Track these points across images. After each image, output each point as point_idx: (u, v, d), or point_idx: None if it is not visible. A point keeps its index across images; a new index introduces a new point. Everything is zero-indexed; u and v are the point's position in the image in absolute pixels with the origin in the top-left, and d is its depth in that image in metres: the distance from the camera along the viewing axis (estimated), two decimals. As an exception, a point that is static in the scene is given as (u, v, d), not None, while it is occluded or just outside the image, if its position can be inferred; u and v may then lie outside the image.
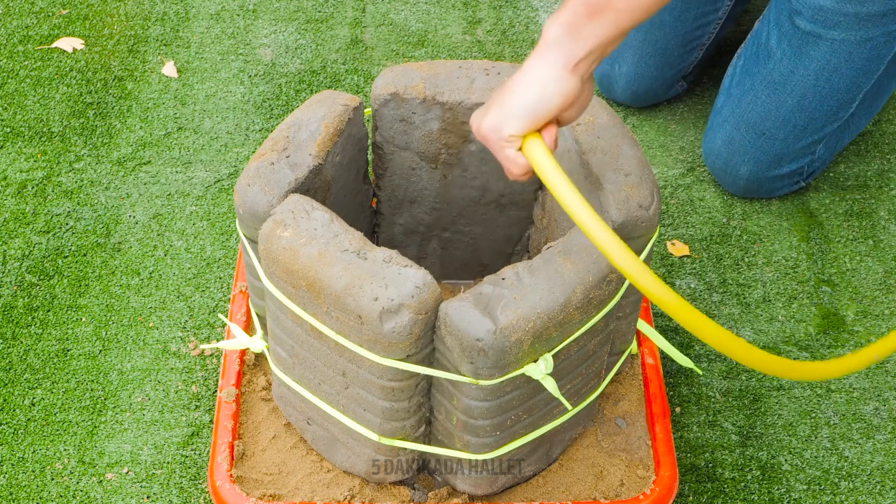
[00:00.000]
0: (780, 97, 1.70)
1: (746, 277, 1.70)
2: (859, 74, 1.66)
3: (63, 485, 1.42)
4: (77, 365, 1.54)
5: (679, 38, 1.85)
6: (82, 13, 2.11)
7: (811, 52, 1.65)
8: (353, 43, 2.07)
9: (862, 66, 1.65)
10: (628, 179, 1.20)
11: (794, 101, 1.69)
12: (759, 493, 1.44)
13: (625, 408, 1.38)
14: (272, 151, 1.23)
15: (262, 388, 1.38)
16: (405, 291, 1.09)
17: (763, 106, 1.71)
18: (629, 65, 1.87)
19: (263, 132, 1.89)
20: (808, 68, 1.66)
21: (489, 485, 1.26)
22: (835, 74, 1.66)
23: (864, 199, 1.82)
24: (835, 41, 1.63)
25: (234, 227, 1.73)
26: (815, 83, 1.67)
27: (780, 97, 1.70)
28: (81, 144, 1.86)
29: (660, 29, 1.84)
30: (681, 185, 1.83)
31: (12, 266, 1.67)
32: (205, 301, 1.63)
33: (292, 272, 1.14)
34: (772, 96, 1.70)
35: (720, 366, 1.58)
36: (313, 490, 1.29)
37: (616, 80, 1.90)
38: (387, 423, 1.20)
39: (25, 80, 1.97)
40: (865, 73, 1.67)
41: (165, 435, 1.47)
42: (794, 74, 1.68)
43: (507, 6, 2.16)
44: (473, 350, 1.09)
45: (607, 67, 1.90)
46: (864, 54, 1.64)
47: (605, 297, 1.16)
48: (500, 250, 1.49)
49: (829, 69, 1.65)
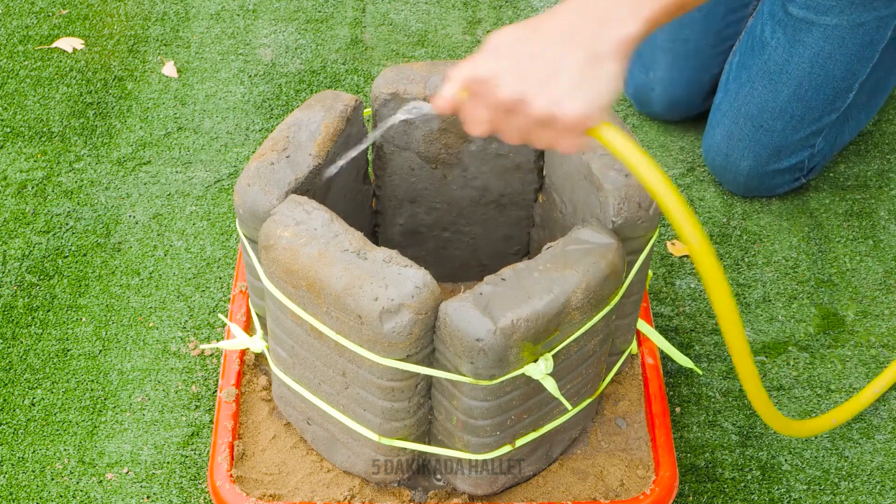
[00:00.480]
0: (777, 87, 1.70)
1: (746, 277, 1.70)
2: (854, 61, 1.67)
3: (63, 485, 1.42)
4: (77, 365, 1.54)
5: (710, 37, 1.83)
6: (82, 13, 2.11)
7: (805, 39, 1.66)
8: (353, 43, 2.07)
9: (856, 52, 1.66)
10: (628, 179, 1.20)
11: (790, 90, 1.69)
12: (759, 493, 1.44)
13: (625, 408, 1.38)
14: (272, 151, 1.23)
15: (262, 388, 1.38)
16: (405, 291, 1.09)
17: (760, 97, 1.71)
18: (664, 69, 1.85)
19: (263, 132, 1.89)
20: (802, 56, 1.67)
21: (489, 485, 1.27)
22: (829, 61, 1.66)
23: (864, 199, 1.82)
24: (828, 27, 1.64)
25: (234, 227, 1.73)
26: (810, 71, 1.67)
27: (776, 87, 1.70)
28: (81, 144, 1.86)
29: (689, 28, 1.82)
30: (681, 185, 1.83)
31: (12, 266, 1.67)
32: (205, 301, 1.63)
33: (292, 272, 1.14)
34: (768, 87, 1.70)
35: (720, 366, 1.58)
36: (313, 490, 1.29)
37: (653, 87, 1.87)
38: (387, 423, 1.20)
39: (25, 80, 1.97)
40: (860, 59, 1.67)
41: (165, 435, 1.47)
42: (790, 63, 1.68)
43: (507, 6, 2.16)
44: (473, 350, 1.09)
45: (642, 77, 1.87)
46: (858, 40, 1.65)
47: (605, 297, 1.16)
48: (500, 250, 1.49)
49: (823, 56, 1.66)
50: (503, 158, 1.36)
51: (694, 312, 1.64)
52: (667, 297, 1.66)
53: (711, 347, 1.60)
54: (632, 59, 1.86)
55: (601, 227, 1.18)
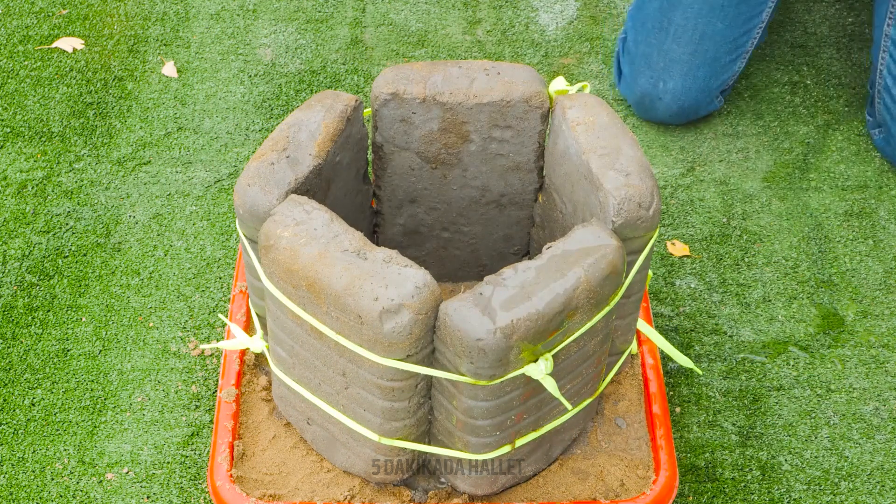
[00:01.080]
0: None
1: (746, 277, 1.70)
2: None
3: (63, 485, 1.42)
4: (77, 365, 1.54)
5: (727, 46, 1.83)
6: (82, 13, 2.11)
7: None
8: (353, 43, 2.07)
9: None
10: (628, 179, 1.20)
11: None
12: (759, 493, 1.44)
13: (625, 408, 1.38)
14: (272, 151, 1.23)
15: (262, 388, 1.38)
16: (405, 291, 1.09)
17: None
18: (676, 79, 1.84)
19: (263, 132, 1.89)
20: None
21: (489, 485, 1.27)
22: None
23: (864, 199, 1.82)
24: None
25: (234, 227, 1.73)
26: None
27: None
28: (81, 144, 1.86)
29: (711, 39, 1.82)
30: (681, 185, 1.83)
31: (12, 266, 1.67)
32: (205, 301, 1.63)
33: (292, 272, 1.14)
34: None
35: (720, 366, 1.58)
36: (313, 490, 1.29)
37: (661, 97, 1.86)
38: (387, 423, 1.20)
39: (25, 80, 1.97)
40: None
41: (165, 435, 1.47)
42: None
43: (507, 6, 2.16)
44: (473, 350, 1.09)
45: (649, 87, 1.86)
46: None
47: (605, 297, 1.16)
48: (500, 250, 1.49)
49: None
50: (503, 158, 1.36)
51: (694, 312, 1.64)
52: (667, 297, 1.66)
53: (711, 347, 1.60)
54: (638, 68, 1.86)
55: (601, 227, 1.18)
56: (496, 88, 1.30)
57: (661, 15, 1.85)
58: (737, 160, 1.88)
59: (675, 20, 1.83)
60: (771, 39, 2.08)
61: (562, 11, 2.14)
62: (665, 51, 1.84)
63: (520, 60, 2.03)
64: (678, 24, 1.83)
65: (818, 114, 1.95)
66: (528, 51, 2.05)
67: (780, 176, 1.85)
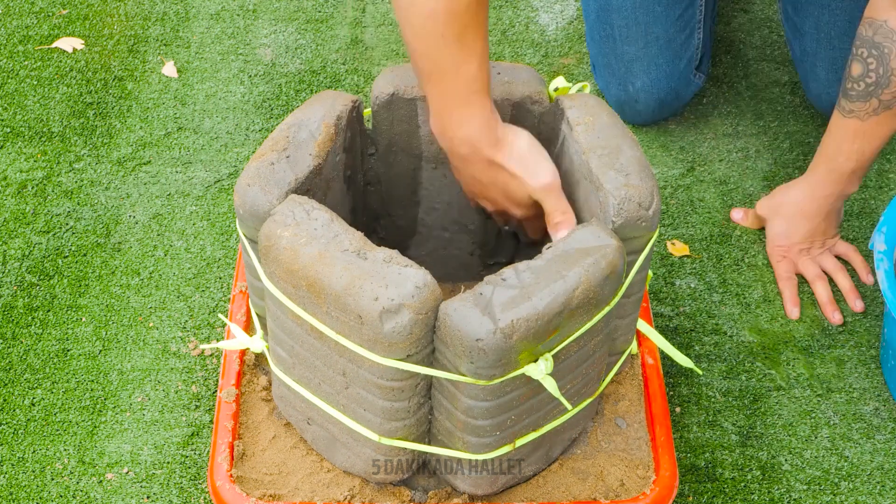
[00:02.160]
0: None
1: (746, 277, 1.70)
2: None
3: (63, 485, 1.42)
4: (77, 365, 1.54)
5: (675, 25, 1.82)
6: (82, 13, 2.11)
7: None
8: (353, 43, 2.07)
9: None
10: (628, 179, 1.20)
11: None
12: (759, 493, 1.44)
13: (625, 408, 1.38)
14: (272, 151, 1.23)
15: (262, 388, 1.38)
16: (405, 291, 1.09)
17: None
18: (642, 77, 1.83)
19: (263, 132, 1.89)
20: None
21: (489, 485, 1.27)
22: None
23: (864, 200, 1.82)
24: None
25: (234, 227, 1.73)
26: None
27: None
28: (81, 144, 1.86)
29: (655, 25, 1.81)
30: (681, 185, 1.83)
31: (12, 266, 1.67)
32: (205, 301, 1.63)
33: (292, 272, 1.14)
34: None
35: (720, 366, 1.58)
36: (313, 490, 1.29)
37: (636, 99, 1.85)
38: (387, 423, 1.20)
39: (25, 80, 1.97)
40: None
41: (165, 435, 1.47)
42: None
43: (507, 6, 2.16)
44: (473, 350, 1.09)
45: (621, 93, 1.86)
46: None
47: (605, 297, 1.16)
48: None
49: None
50: (503, 158, 1.36)
51: (694, 312, 1.64)
52: (667, 297, 1.66)
53: (711, 347, 1.60)
54: (606, 80, 1.86)
55: (601, 227, 1.18)
56: (496, 88, 1.30)
57: (601, 24, 1.85)
58: (737, 160, 1.88)
59: (616, 23, 1.82)
60: (771, 39, 2.08)
61: (562, 11, 2.14)
62: (620, 54, 1.83)
63: (520, 60, 2.03)
64: (620, 26, 1.82)
65: (818, 114, 1.95)
66: (527, 51, 2.06)
67: (780, 176, 1.85)
